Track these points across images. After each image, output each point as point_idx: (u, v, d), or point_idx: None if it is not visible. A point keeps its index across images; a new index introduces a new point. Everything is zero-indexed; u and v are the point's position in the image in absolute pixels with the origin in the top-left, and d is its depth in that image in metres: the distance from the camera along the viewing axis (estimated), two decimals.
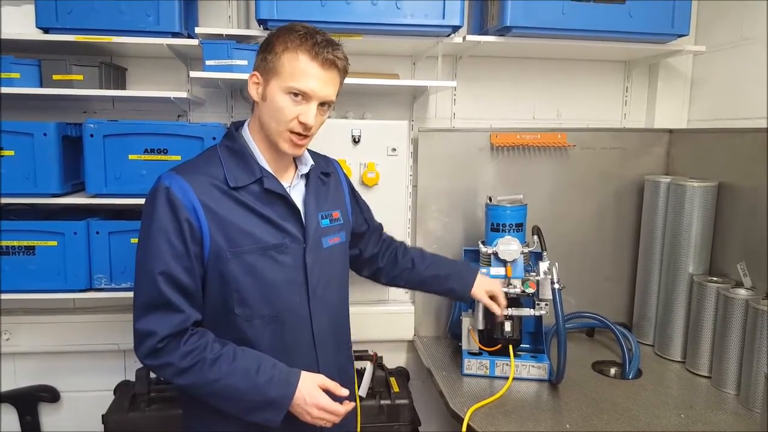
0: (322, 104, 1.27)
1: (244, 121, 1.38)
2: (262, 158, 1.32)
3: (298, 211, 1.35)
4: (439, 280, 1.65)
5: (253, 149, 1.32)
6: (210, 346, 1.21)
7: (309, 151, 1.44)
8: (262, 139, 1.32)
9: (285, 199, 1.32)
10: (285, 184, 1.35)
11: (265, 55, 1.27)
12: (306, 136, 1.28)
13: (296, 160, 1.42)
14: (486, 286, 1.67)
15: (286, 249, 1.30)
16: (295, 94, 1.24)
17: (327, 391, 1.28)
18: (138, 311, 1.22)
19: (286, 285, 1.31)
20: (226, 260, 1.24)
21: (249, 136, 1.34)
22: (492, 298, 1.67)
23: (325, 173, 1.48)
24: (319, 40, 1.23)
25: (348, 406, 1.30)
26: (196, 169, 1.28)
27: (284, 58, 1.23)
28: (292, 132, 1.26)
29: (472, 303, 1.79)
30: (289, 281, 1.31)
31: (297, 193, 1.38)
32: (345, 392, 1.30)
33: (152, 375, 1.96)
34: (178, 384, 1.22)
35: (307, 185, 1.40)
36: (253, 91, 1.30)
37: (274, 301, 1.29)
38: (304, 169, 1.40)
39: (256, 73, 1.29)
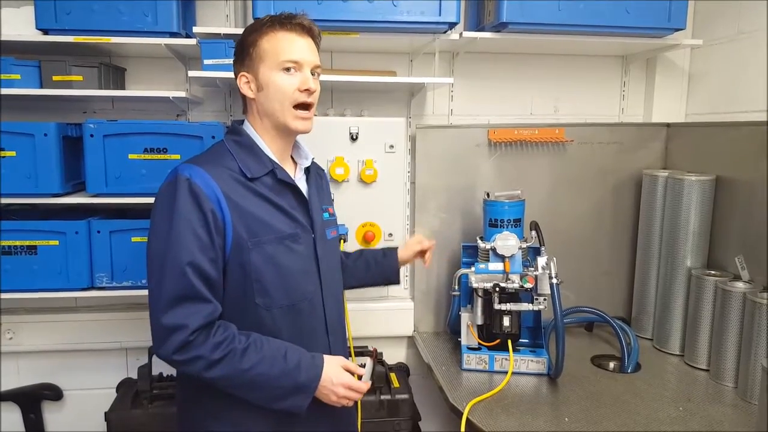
0: (312, 73, 1.31)
1: (243, 120, 1.40)
2: (269, 151, 1.35)
3: (306, 202, 1.37)
4: (368, 264, 1.69)
5: (260, 143, 1.35)
6: (237, 337, 1.21)
7: None
8: (266, 133, 1.35)
9: (295, 190, 1.35)
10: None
11: (246, 51, 1.31)
12: (310, 107, 1.32)
13: (294, 156, 1.44)
14: (409, 243, 1.74)
15: (299, 239, 1.33)
16: (287, 69, 1.28)
17: (348, 371, 1.32)
18: (164, 305, 1.17)
19: (302, 274, 1.33)
20: (247, 250, 1.25)
21: (253, 131, 1.36)
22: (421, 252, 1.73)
23: (319, 170, 1.53)
24: (285, 15, 1.30)
25: (366, 385, 1.34)
26: (212, 161, 1.29)
27: (264, 42, 1.28)
28: (296, 107, 1.30)
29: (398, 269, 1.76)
30: (304, 270, 1.34)
31: (301, 186, 1.40)
32: (363, 371, 1.36)
33: (154, 372, 1.97)
34: (207, 377, 1.19)
35: (308, 180, 1.44)
36: (247, 90, 1.32)
37: (292, 290, 1.31)
38: (306, 163, 1.43)
39: (243, 73, 1.32)
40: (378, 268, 1.69)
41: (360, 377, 1.34)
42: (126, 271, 1.85)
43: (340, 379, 1.28)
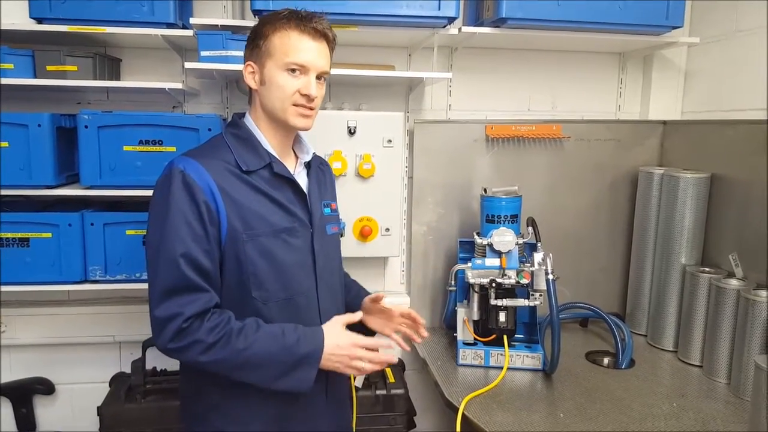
0: (318, 77, 1.30)
1: (245, 112, 1.40)
2: (268, 145, 1.34)
3: (305, 196, 1.36)
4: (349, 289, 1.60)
5: (258, 136, 1.34)
6: (232, 320, 1.21)
7: None
8: (266, 126, 1.34)
9: (293, 184, 1.34)
10: (289, 170, 1.36)
11: (256, 42, 1.30)
12: (311, 108, 1.30)
13: (296, 150, 1.43)
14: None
15: (296, 233, 1.32)
16: (293, 70, 1.26)
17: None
18: (158, 297, 1.18)
19: (299, 268, 1.32)
20: (242, 243, 1.24)
21: (253, 124, 1.35)
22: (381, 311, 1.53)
23: (322, 164, 1.51)
24: (303, 15, 1.28)
25: (379, 344, 1.30)
26: (208, 153, 1.29)
27: (275, 38, 1.27)
28: (296, 105, 1.29)
29: None
30: (300, 265, 1.33)
31: (300, 180, 1.39)
32: (359, 315, 1.35)
33: (148, 366, 1.96)
34: (205, 362, 1.18)
35: (308, 174, 1.43)
36: (251, 80, 1.32)
37: (288, 283, 1.30)
38: (306, 157, 1.42)
39: (249, 62, 1.32)
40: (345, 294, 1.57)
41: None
42: (120, 264, 1.84)
43: (348, 339, 1.25)
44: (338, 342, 1.25)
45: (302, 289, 1.33)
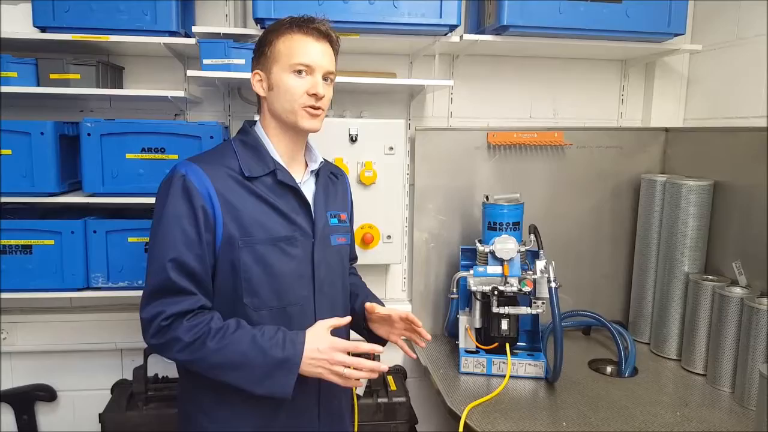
0: (324, 78, 1.32)
1: (256, 120, 1.41)
2: (275, 152, 1.35)
3: (309, 205, 1.36)
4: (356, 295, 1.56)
5: (267, 144, 1.35)
6: (214, 320, 1.21)
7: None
8: (275, 133, 1.35)
9: (296, 193, 1.34)
10: (296, 179, 1.36)
11: (262, 50, 1.32)
12: (320, 108, 1.31)
13: (306, 158, 1.44)
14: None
15: (296, 242, 1.32)
16: (299, 71, 1.28)
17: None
18: (145, 298, 1.21)
19: (295, 278, 1.32)
20: (237, 249, 1.25)
21: (262, 131, 1.37)
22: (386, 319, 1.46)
23: (334, 174, 1.51)
24: (304, 19, 1.31)
25: (367, 348, 1.25)
26: (212, 159, 1.31)
27: (279, 43, 1.29)
28: (305, 107, 1.30)
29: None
30: (297, 274, 1.32)
31: (307, 189, 1.39)
32: (347, 320, 1.32)
33: (150, 373, 1.96)
34: (184, 360, 1.20)
35: (316, 183, 1.43)
36: (258, 88, 1.34)
37: (282, 293, 1.30)
38: (314, 165, 1.42)
39: (257, 71, 1.34)
40: (353, 301, 1.54)
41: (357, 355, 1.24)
42: (122, 271, 1.84)
43: (327, 343, 1.20)
44: (318, 346, 1.20)
45: (297, 299, 1.32)
